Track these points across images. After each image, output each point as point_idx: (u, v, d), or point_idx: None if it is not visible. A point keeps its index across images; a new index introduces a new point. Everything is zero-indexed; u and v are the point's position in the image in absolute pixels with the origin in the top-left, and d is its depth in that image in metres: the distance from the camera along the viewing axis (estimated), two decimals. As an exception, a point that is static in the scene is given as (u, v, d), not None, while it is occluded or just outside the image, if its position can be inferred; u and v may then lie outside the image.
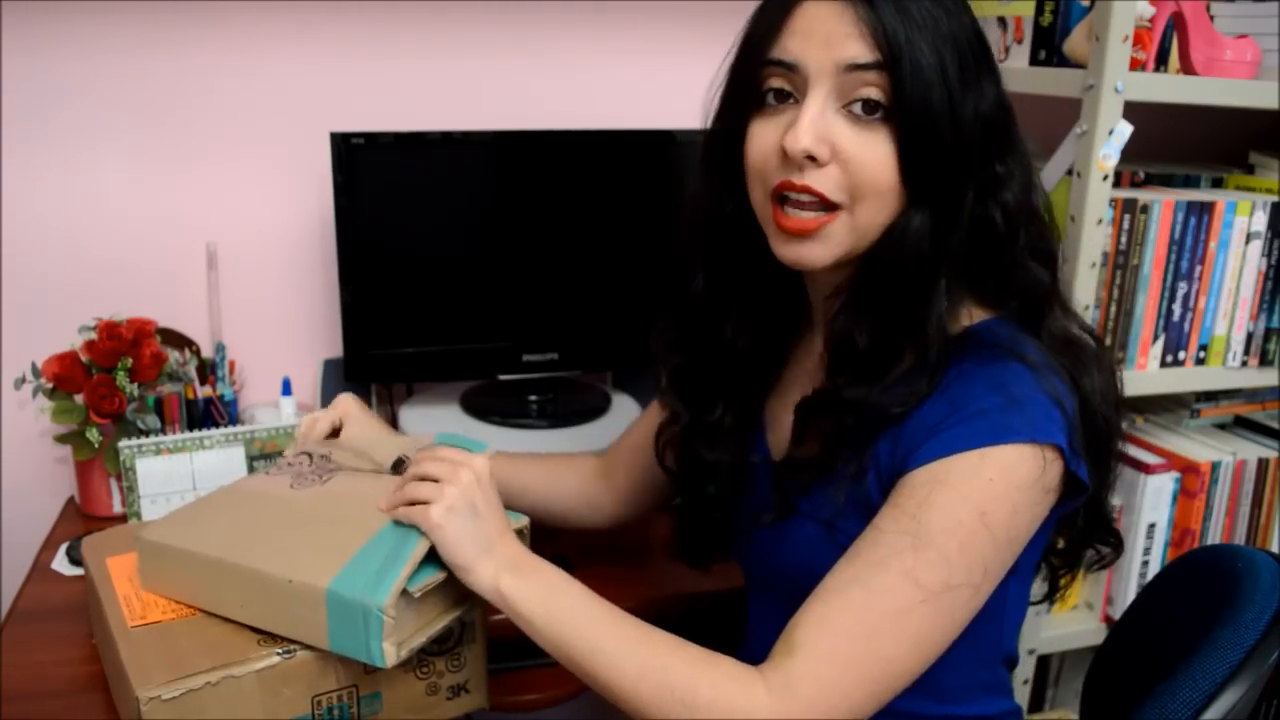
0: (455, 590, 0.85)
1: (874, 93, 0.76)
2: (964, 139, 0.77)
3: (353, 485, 0.93)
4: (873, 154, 0.77)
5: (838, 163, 0.77)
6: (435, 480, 0.83)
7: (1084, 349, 0.86)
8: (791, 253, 0.81)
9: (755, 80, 0.81)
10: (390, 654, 0.80)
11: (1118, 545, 0.97)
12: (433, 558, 0.83)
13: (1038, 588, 0.98)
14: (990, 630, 0.87)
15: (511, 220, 1.43)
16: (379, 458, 0.97)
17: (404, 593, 0.80)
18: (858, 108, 0.77)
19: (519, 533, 0.88)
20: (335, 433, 1.07)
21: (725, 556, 1.04)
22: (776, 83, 0.79)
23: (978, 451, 0.75)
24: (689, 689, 0.76)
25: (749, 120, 0.82)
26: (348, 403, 1.08)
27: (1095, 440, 0.84)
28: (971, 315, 0.84)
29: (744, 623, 1.04)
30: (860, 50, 0.75)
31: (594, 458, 1.17)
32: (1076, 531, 0.93)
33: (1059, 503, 0.81)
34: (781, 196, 0.80)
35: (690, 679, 0.77)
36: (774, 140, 0.79)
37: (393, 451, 0.97)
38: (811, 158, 0.77)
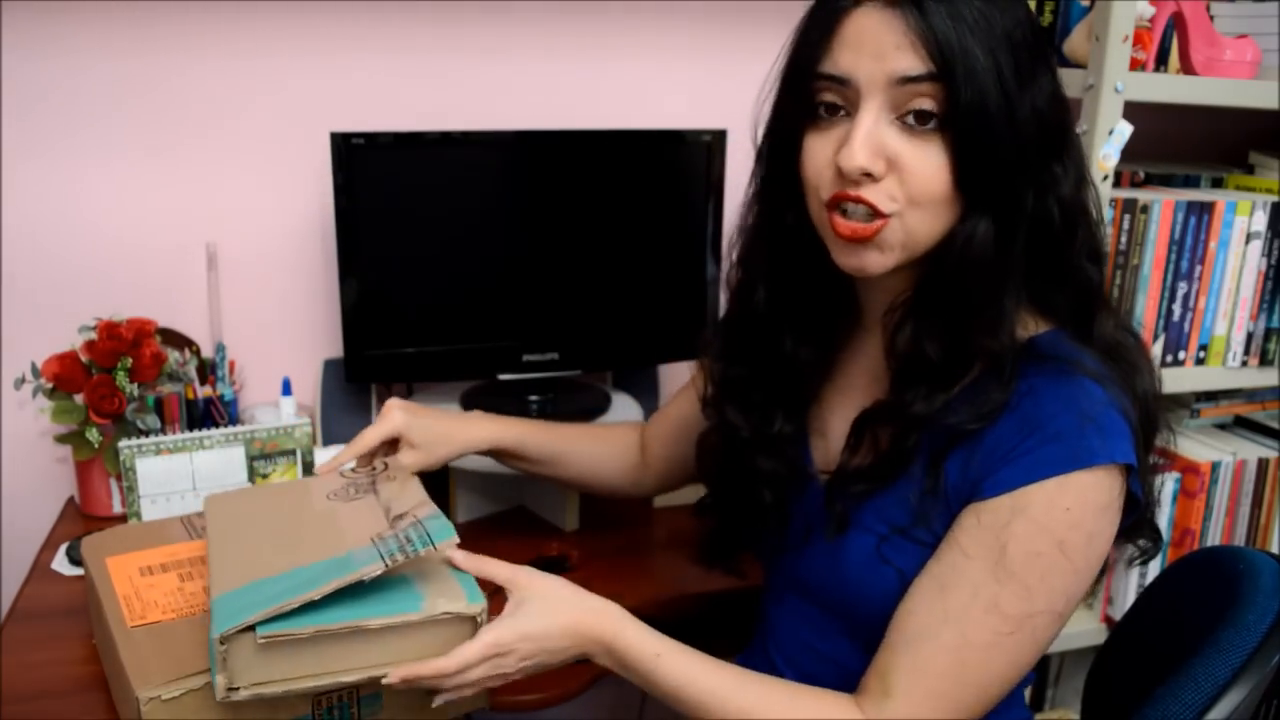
0: (352, 659, 0.78)
1: (927, 103, 0.74)
2: (1021, 141, 0.75)
3: (349, 511, 0.92)
4: (927, 164, 0.76)
5: (893, 173, 0.76)
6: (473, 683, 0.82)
7: (1130, 350, 0.85)
8: (852, 260, 0.81)
9: (807, 94, 0.80)
10: (219, 688, 0.75)
11: (1157, 539, 0.94)
12: (333, 606, 0.77)
13: None
14: None
15: (512, 220, 1.43)
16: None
17: (260, 635, 0.75)
18: (911, 118, 0.75)
19: (473, 619, 0.81)
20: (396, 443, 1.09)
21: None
22: (828, 97, 0.78)
23: (1056, 480, 0.76)
24: None
25: (803, 133, 0.81)
26: (396, 418, 1.08)
27: (1145, 440, 0.84)
28: (1028, 326, 0.83)
29: (754, 623, 1.04)
30: (912, 62, 0.73)
31: (634, 429, 1.19)
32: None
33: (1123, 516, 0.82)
34: (836, 204, 0.79)
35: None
36: (828, 155, 0.78)
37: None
38: (869, 175, 0.76)
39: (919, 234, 0.78)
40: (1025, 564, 0.76)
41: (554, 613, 0.83)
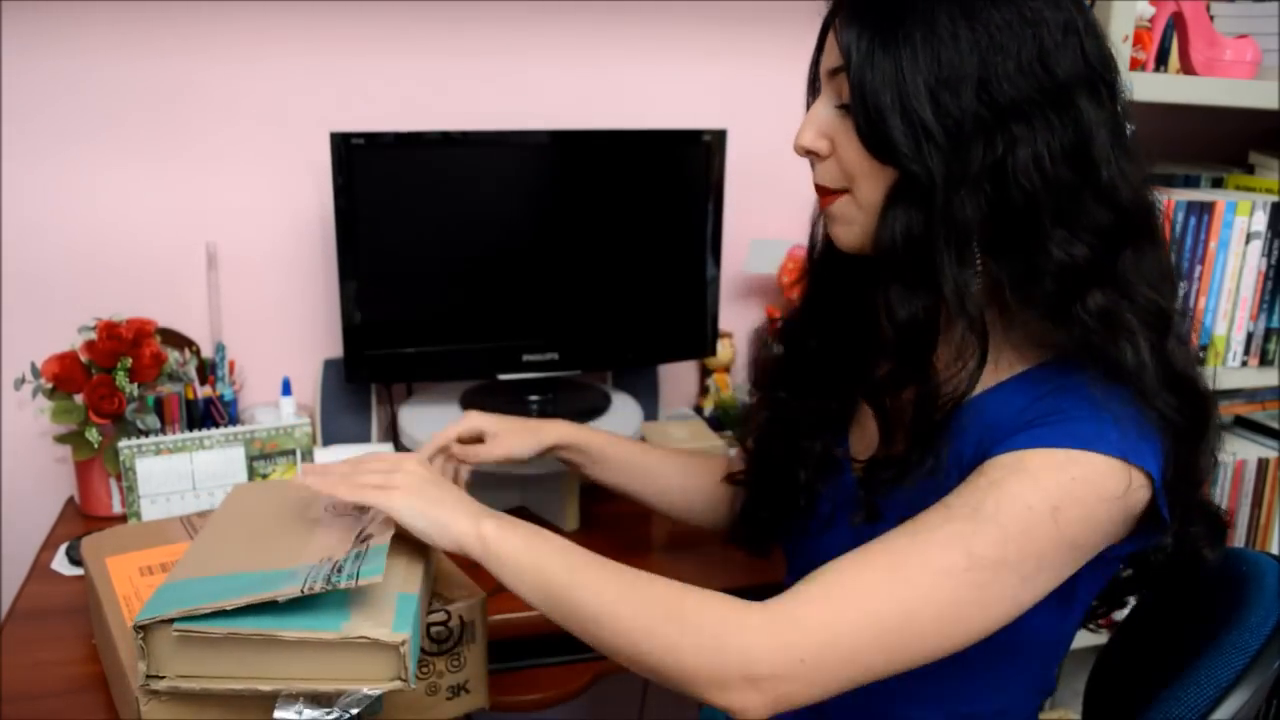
0: (270, 668, 0.78)
1: (845, 92, 0.80)
2: (923, 119, 0.76)
3: (331, 526, 0.91)
4: (847, 142, 0.81)
5: (834, 154, 0.83)
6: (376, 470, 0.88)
7: (1120, 327, 0.78)
8: (831, 234, 0.87)
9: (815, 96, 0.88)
10: (139, 674, 0.77)
11: (1219, 539, 0.91)
12: (256, 615, 0.77)
13: None
14: (1044, 658, 0.87)
15: (512, 220, 1.43)
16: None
17: (175, 628, 0.76)
18: (840, 105, 0.82)
19: (395, 648, 0.79)
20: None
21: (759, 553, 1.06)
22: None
23: (1065, 451, 0.74)
24: (676, 604, 0.75)
25: None
26: (474, 417, 1.12)
27: (1185, 489, 0.82)
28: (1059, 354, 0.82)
29: None
30: (835, 57, 0.81)
31: (723, 461, 1.17)
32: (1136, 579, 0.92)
33: (1136, 535, 0.79)
34: None
35: (678, 596, 0.76)
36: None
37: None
38: (813, 153, 0.84)
39: (869, 203, 0.82)
40: (1011, 514, 0.73)
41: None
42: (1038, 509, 0.73)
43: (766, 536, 1.04)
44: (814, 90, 0.87)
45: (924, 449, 0.82)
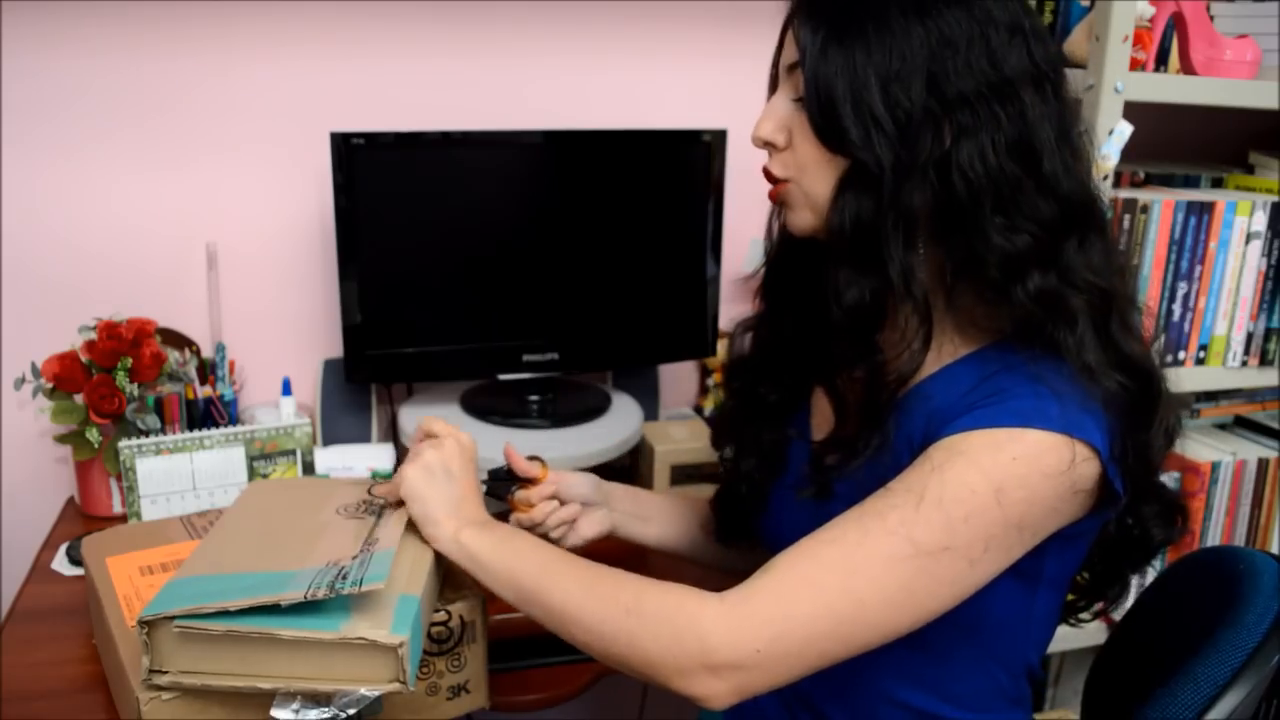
0: (271, 667, 0.79)
1: (801, 86, 0.82)
2: (874, 111, 0.78)
3: (341, 529, 0.92)
4: (801, 133, 0.84)
5: (790, 145, 0.85)
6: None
7: (1061, 309, 0.80)
8: (786, 220, 0.89)
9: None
10: (143, 669, 0.78)
11: (1170, 524, 0.93)
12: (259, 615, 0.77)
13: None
14: (1014, 637, 0.87)
15: (511, 220, 1.43)
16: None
17: (177, 624, 0.77)
18: (797, 99, 0.84)
19: (394, 650, 0.79)
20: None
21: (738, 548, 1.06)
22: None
23: (1005, 430, 0.75)
24: (636, 597, 0.77)
25: None
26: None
27: (1139, 469, 0.83)
28: (1007, 322, 0.83)
29: None
30: (791, 53, 0.84)
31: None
32: (1110, 557, 0.92)
33: (1094, 512, 0.80)
34: None
35: (639, 590, 0.78)
36: None
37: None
38: (770, 144, 0.86)
39: (815, 194, 0.84)
40: (954, 499, 0.74)
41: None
42: (981, 492, 0.74)
43: (741, 527, 1.05)
44: (774, 86, 0.89)
45: (871, 429, 0.84)
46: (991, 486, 0.74)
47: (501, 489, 1.06)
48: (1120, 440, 0.79)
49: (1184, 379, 1.42)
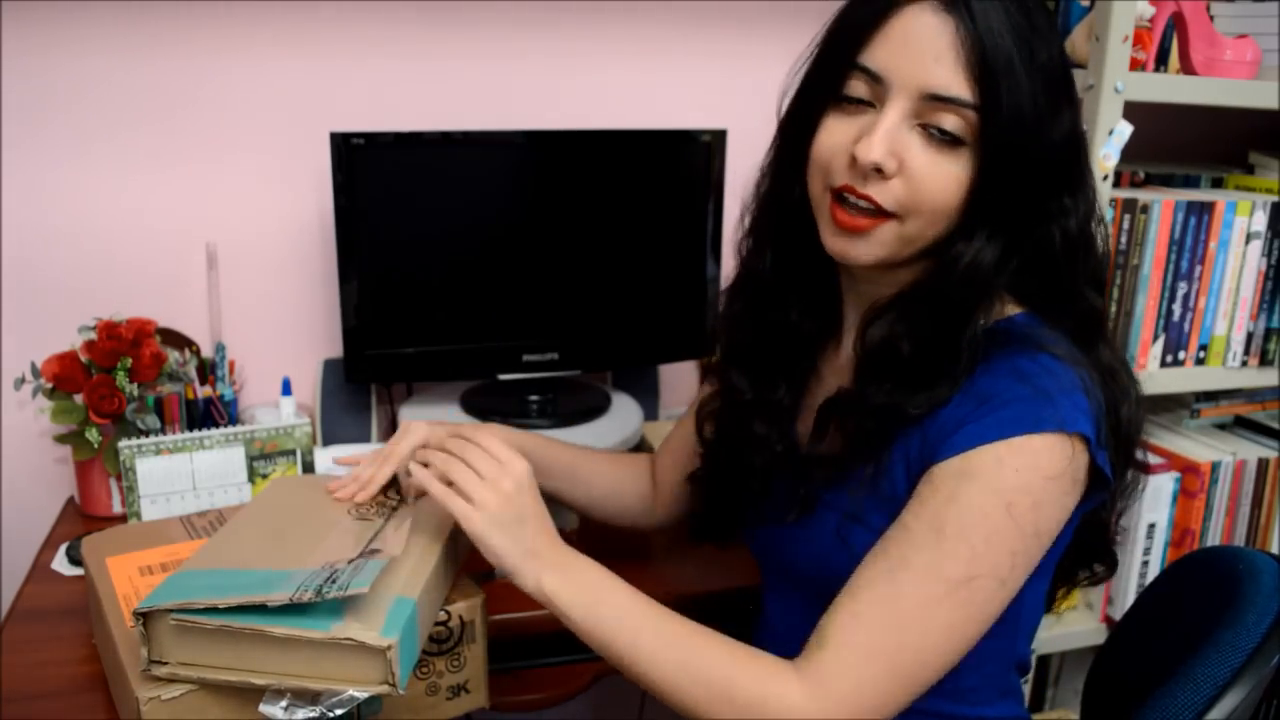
0: (264, 663, 0.79)
1: (955, 124, 0.76)
2: (1042, 172, 0.77)
3: (346, 530, 0.91)
4: (942, 177, 0.77)
5: (903, 177, 0.78)
6: (478, 473, 0.86)
7: (1121, 382, 0.85)
8: (839, 246, 0.82)
9: (838, 80, 0.80)
10: (142, 659, 0.80)
11: (1112, 565, 0.97)
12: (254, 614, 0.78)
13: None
14: (1005, 629, 0.87)
15: (511, 220, 1.43)
16: None
17: (172, 618, 0.78)
18: (935, 131, 0.77)
19: (382, 652, 0.79)
20: None
21: (738, 547, 1.05)
22: (858, 88, 0.79)
23: (1004, 442, 0.76)
24: (727, 684, 0.78)
25: (824, 113, 0.82)
26: (419, 431, 0.99)
27: (1117, 461, 0.85)
28: (1002, 310, 0.84)
29: (752, 621, 1.04)
30: (951, 80, 0.74)
31: (645, 459, 1.18)
32: (1076, 547, 0.93)
33: (1085, 499, 0.81)
34: (841, 195, 0.81)
35: (728, 675, 0.79)
36: (845, 142, 0.79)
37: None
38: (879, 170, 0.77)
39: (913, 239, 0.80)
40: (970, 525, 0.75)
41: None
42: (992, 512, 0.75)
43: (729, 527, 1.04)
44: (833, 76, 0.80)
45: (862, 452, 0.83)
46: (1001, 504, 0.75)
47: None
48: (1103, 424, 0.80)
49: (1184, 379, 1.42)
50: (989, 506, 0.75)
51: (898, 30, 0.76)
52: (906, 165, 0.77)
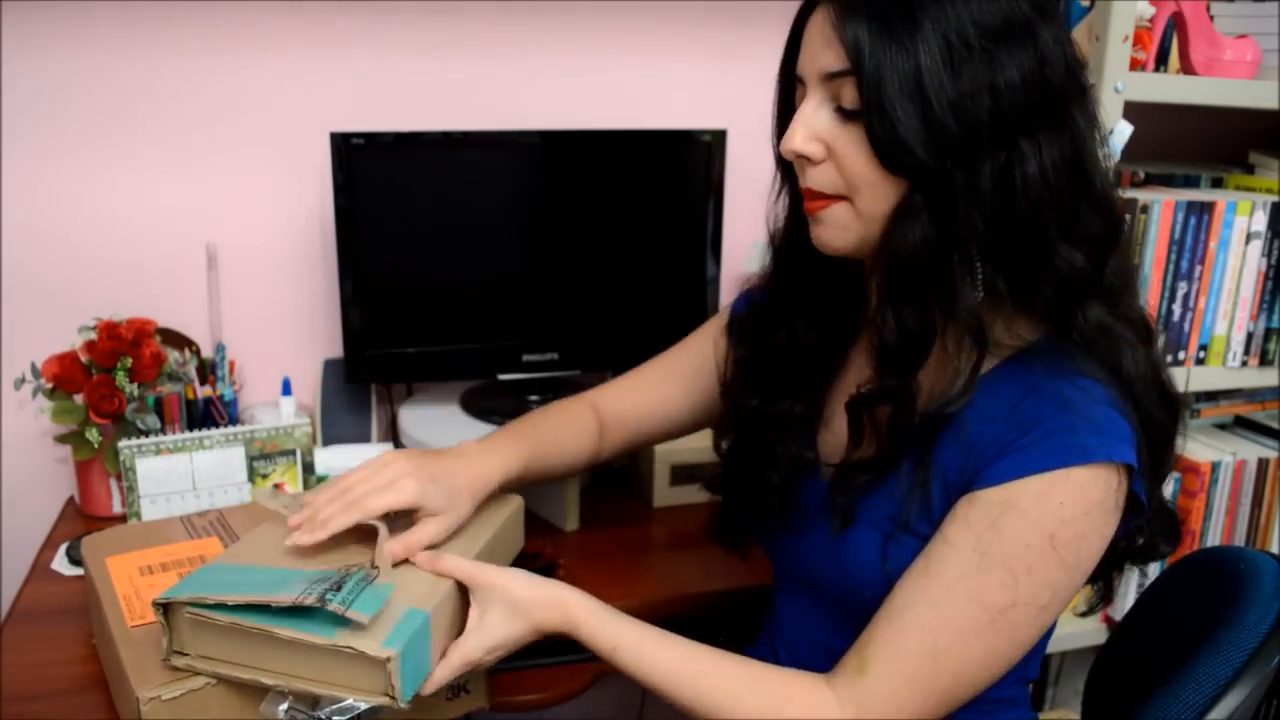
0: (275, 663, 0.79)
1: (849, 96, 0.78)
2: (947, 131, 0.75)
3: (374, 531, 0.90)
4: (854, 151, 0.79)
5: (831, 159, 0.81)
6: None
7: (1119, 338, 0.82)
8: (814, 235, 0.85)
9: (789, 93, 0.87)
10: (164, 648, 0.81)
11: (1173, 538, 0.93)
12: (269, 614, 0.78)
13: (1086, 592, 0.97)
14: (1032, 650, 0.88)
15: (512, 220, 1.43)
16: None
17: (187, 611, 0.79)
18: (841, 108, 0.80)
19: (382, 664, 0.76)
20: None
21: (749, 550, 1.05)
22: (800, 94, 0.83)
23: (1049, 475, 0.76)
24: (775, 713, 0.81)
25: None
26: (408, 489, 0.90)
27: (1155, 437, 0.83)
28: (1026, 331, 0.83)
29: (759, 620, 1.04)
30: (832, 59, 0.78)
31: (586, 404, 1.17)
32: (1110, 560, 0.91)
33: (1121, 522, 0.81)
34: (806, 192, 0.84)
35: (776, 706, 0.81)
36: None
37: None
38: (804, 157, 0.81)
39: (870, 213, 0.81)
40: (1013, 555, 0.76)
41: (515, 618, 0.86)
42: (1036, 544, 0.76)
43: (745, 537, 1.05)
44: (788, 91, 0.86)
45: (898, 454, 0.83)
46: (1045, 536, 0.76)
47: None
48: (1141, 452, 0.80)
49: (1184, 379, 1.42)
50: (1032, 538, 0.76)
51: (807, 34, 0.81)
52: (831, 147, 0.80)
